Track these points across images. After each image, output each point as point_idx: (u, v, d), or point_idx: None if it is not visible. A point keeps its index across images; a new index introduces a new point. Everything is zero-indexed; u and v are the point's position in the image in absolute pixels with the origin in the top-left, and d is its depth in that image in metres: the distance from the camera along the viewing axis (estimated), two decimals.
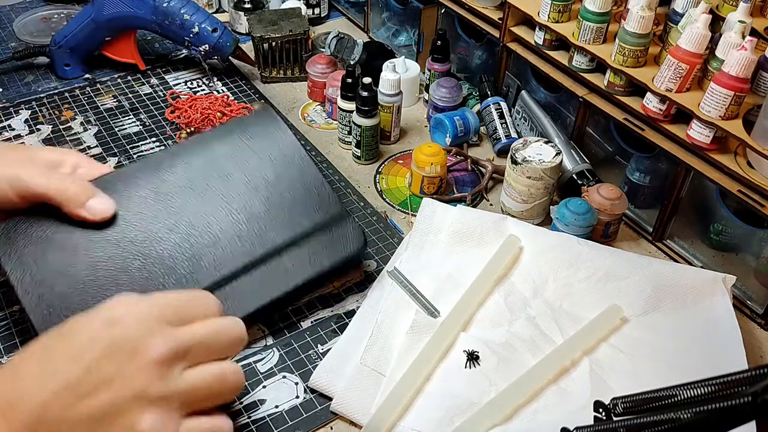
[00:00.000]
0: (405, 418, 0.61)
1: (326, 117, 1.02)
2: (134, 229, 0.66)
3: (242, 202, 0.70)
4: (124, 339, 0.48)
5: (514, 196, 0.83)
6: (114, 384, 0.47)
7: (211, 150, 0.72)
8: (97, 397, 0.47)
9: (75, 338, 0.49)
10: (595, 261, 0.74)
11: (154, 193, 0.68)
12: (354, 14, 1.25)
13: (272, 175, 0.72)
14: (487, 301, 0.72)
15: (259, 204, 0.70)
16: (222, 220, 0.69)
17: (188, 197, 0.69)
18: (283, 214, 0.70)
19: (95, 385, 0.47)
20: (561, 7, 0.84)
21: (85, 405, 0.47)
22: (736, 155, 0.73)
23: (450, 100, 0.97)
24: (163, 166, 0.70)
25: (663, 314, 0.71)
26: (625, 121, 0.80)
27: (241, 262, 0.67)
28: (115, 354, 0.48)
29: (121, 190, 0.67)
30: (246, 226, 0.69)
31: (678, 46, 0.72)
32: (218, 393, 0.52)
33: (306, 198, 0.72)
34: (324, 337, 0.70)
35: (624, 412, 0.46)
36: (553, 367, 0.65)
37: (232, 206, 0.69)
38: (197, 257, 0.66)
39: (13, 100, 1.02)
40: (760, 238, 0.73)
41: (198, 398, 0.51)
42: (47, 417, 0.46)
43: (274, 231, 0.69)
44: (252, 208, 0.70)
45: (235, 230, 0.69)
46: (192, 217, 0.68)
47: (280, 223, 0.70)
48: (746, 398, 0.35)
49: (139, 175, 0.69)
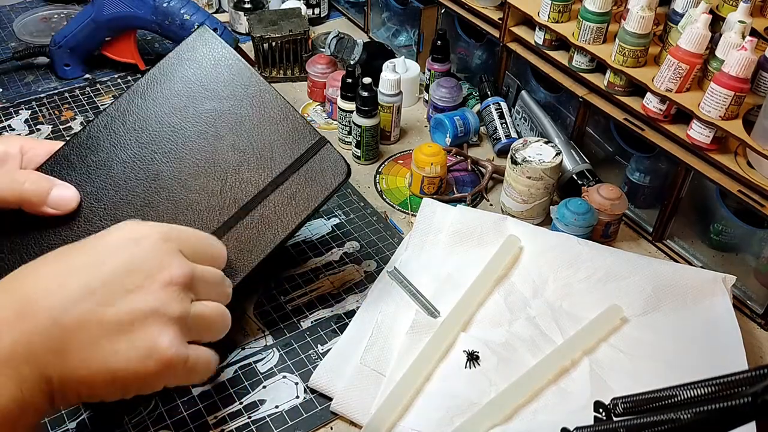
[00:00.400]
0: (405, 418, 0.61)
1: (326, 117, 1.02)
2: (102, 202, 0.63)
3: (207, 154, 0.65)
4: (147, 256, 0.49)
5: (514, 196, 0.83)
6: (135, 296, 0.48)
7: (162, 102, 0.67)
8: (117, 307, 0.47)
9: (96, 248, 0.49)
10: (595, 261, 0.74)
11: (116, 162, 0.64)
12: (354, 14, 1.25)
13: (233, 117, 0.67)
14: (487, 301, 0.72)
15: (227, 152, 0.66)
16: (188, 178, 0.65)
17: (151, 160, 0.65)
18: (256, 157, 0.66)
19: (115, 295, 0.47)
20: (561, 7, 0.84)
21: (104, 312, 0.47)
22: (736, 155, 0.73)
23: (450, 100, 0.97)
24: (116, 129, 0.65)
25: (663, 314, 0.71)
26: (625, 121, 0.80)
27: (218, 221, 0.64)
28: (138, 268, 0.48)
29: (77, 164, 0.63)
30: (219, 182, 0.65)
31: (678, 46, 0.72)
32: (216, 328, 0.55)
33: (277, 133, 0.67)
34: (324, 337, 0.70)
35: (624, 412, 0.46)
36: (553, 367, 0.65)
37: (199, 162, 0.65)
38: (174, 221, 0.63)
39: (13, 100, 1.02)
40: (760, 238, 0.73)
41: (202, 327, 0.53)
42: (65, 320, 0.45)
43: (250, 179, 0.65)
44: (220, 159, 0.65)
45: (208, 187, 0.65)
46: (158, 182, 0.64)
47: (255, 167, 0.66)
48: (746, 398, 0.35)
49: (94, 142, 0.65)
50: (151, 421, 0.62)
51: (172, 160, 0.65)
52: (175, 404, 0.63)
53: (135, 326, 0.47)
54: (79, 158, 0.64)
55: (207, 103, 0.67)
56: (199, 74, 0.68)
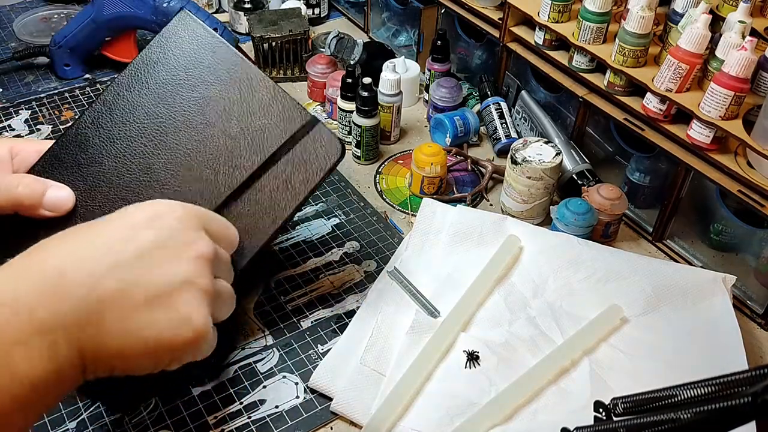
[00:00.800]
0: (405, 418, 0.61)
1: (326, 117, 1.02)
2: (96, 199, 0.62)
3: (197, 143, 0.65)
4: (174, 231, 0.50)
5: (514, 196, 0.83)
6: (167, 268, 0.48)
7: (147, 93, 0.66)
8: (150, 278, 0.47)
9: (124, 223, 0.50)
10: (595, 261, 0.74)
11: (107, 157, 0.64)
12: (354, 14, 1.25)
13: (221, 103, 0.66)
14: (487, 301, 0.72)
15: (219, 139, 0.65)
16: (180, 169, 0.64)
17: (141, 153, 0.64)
18: (248, 141, 0.65)
19: (148, 267, 0.48)
20: (561, 7, 0.84)
21: (138, 283, 0.47)
22: (736, 155, 0.73)
23: (450, 100, 0.97)
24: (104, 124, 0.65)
25: (663, 314, 0.71)
26: (625, 121, 0.80)
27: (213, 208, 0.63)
28: (166, 243, 0.49)
29: (68, 163, 0.63)
30: (213, 171, 0.64)
31: (678, 46, 0.72)
32: (227, 308, 0.55)
33: (267, 116, 0.66)
34: (324, 337, 0.70)
35: (624, 412, 0.46)
36: (553, 367, 0.65)
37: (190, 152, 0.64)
38: None
39: (13, 100, 1.02)
40: (760, 238, 0.73)
41: (219, 304, 0.53)
42: (99, 291, 0.45)
43: (244, 164, 0.64)
44: (212, 146, 0.65)
45: (202, 176, 0.64)
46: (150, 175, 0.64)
47: (248, 152, 0.65)
48: (746, 398, 0.35)
49: (83, 139, 0.64)
50: (151, 421, 0.62)
51: (163, 152, 0.65)
52: (175, 404, 0.63)
53: (170, 297, 0.48)
54: (70, 156, 0.64)
55: (194, 91, 0.66)
56: (182, 61, 0.67)
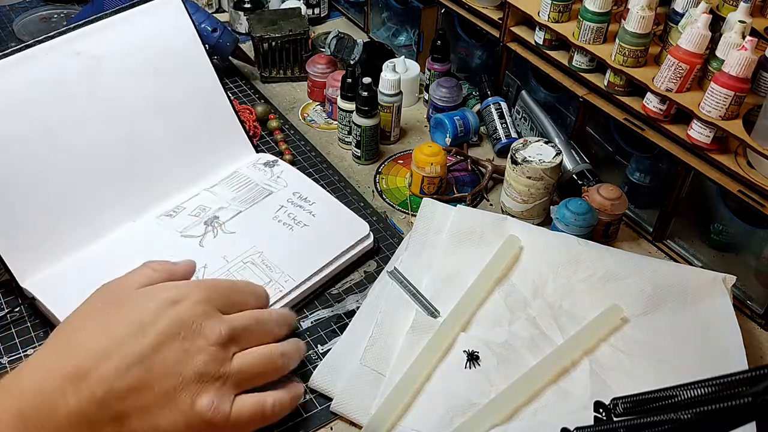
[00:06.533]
0: (405, 418, 0.61)
1: (326, 117, 1.02)
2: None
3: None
4: (186, 319, 0.52)
5: (514, 196, 0.83)
6: (179, 364, 0.50)
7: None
8: (162, 373, 0.49)
9: (135, 311, 0.51)
10: (595, 261, 0.74)
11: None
12: (354, 14, 1.25)
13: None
14: (487, 301, 0.71)
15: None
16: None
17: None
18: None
19: (163, 363, 0.50)
20: (561, 7, 0.84)
21: (151, 380, 0.49)
22: (736, 155, 0.73)
23: (450, 100, 0.97)
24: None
25: (663, 314, 0.71)
26: (625, 121, 0.80)
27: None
28: (178, 333, 0.51)
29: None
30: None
31: (678, 46, 0.72)
32: (266, 373, 0.56)
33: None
34: (324, 337, 0.70)
35: (624, 412, 0.46)
36: (553, 367, 0.65)
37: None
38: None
39: None
40: (760, 238, 0.73)
41: (247, 378, 0.54)
42: (117, 389, 0.48)
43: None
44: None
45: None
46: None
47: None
48: (746, 399, 0.35)
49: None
50: None
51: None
52: None
53: (180, 392, 0.50)
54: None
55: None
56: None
